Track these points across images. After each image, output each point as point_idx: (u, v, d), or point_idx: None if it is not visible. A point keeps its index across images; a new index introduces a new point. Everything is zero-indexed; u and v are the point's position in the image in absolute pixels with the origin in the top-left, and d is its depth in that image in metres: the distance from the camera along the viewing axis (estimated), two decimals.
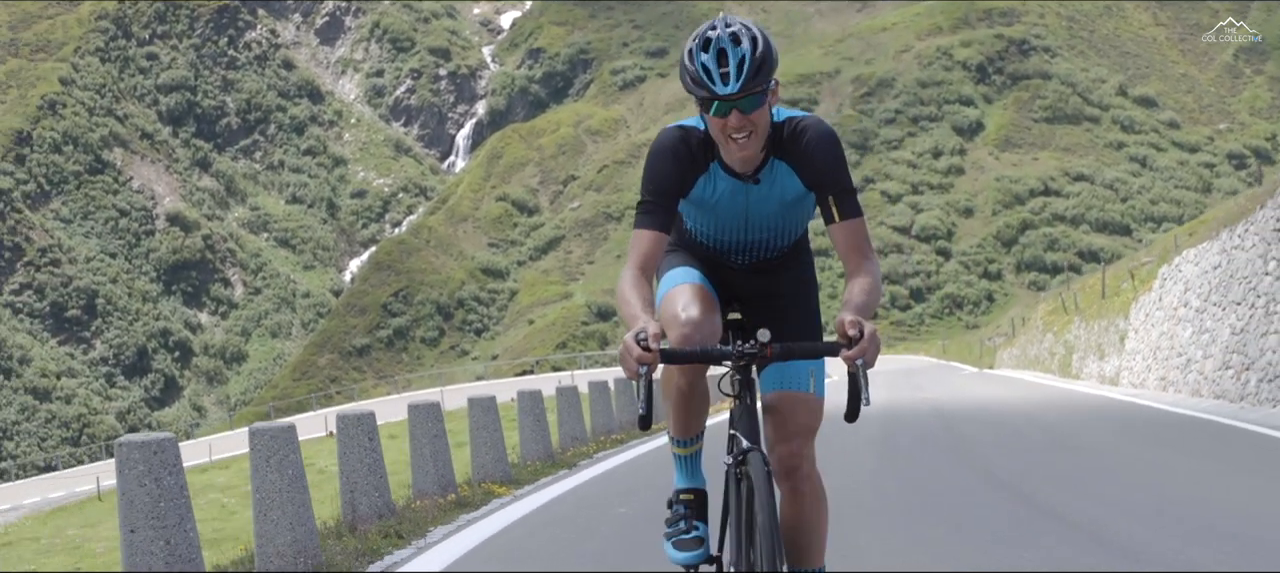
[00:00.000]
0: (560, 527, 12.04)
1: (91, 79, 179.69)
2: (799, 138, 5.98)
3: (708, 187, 6.07)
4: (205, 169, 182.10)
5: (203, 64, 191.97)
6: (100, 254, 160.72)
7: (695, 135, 6.03)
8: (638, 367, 5.47)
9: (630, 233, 6.60)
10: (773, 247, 6.38)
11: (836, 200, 5.92)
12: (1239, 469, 15.46)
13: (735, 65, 5.65)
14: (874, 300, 5.82)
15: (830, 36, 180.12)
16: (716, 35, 5.72)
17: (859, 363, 5.45)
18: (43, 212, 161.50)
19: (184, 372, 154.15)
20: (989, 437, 20.79)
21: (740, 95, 5.68)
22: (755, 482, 5.68)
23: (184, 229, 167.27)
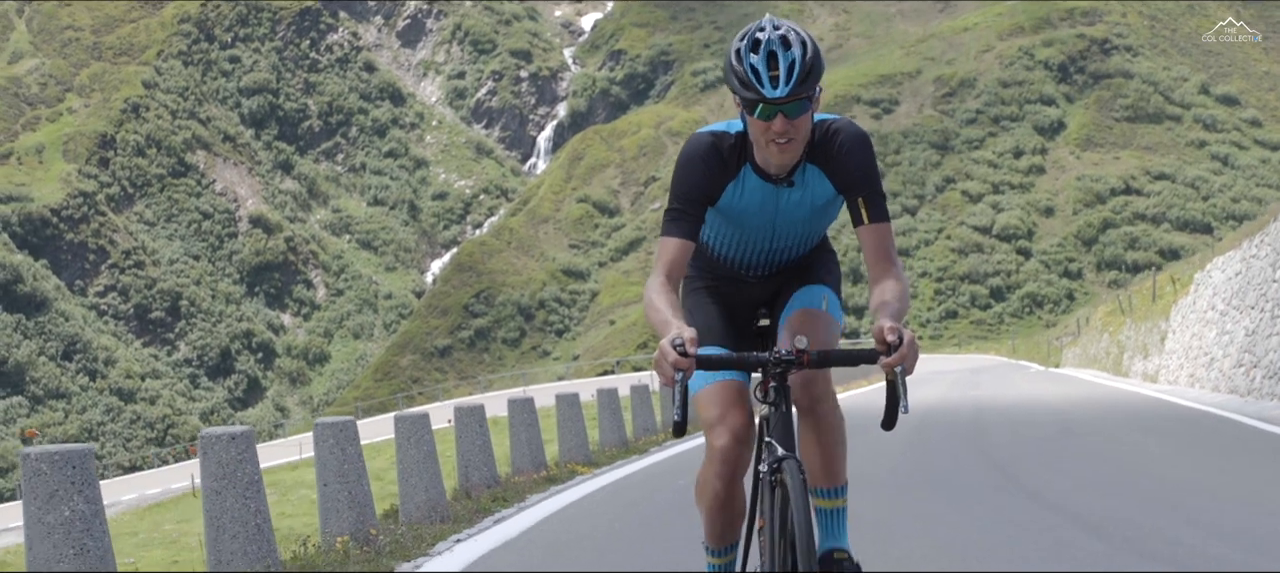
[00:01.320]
0: (630, 493, 15.65)
1: (174, 82, 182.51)
2: (832, 140, 6.03)
3: (737, 192, 6.12)
4: (287, 171, 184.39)
5: (285, 67, 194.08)
6: (184, 256, 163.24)
7: (727, 140, 6.07)
8: (674, 372, 5.53)
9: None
10: (795, 253, 6.47)
11: (867, 203, 5.99)
12: (1213, 455, 18.07)
13: (785, 68, 5.70)
14: (906, 305, 5.91)
15: (912, 37, 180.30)
16: (766, 37, 5.77)
17: (898, 370, 5.51)
18: (127, 214, 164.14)
19: (267, 373, 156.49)
20: (1005, 425, 23.80)
21: (789, 99, 5.72)
22: (792, 490, 5.71)
23: (267, 231, 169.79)
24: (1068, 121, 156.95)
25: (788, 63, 5.65)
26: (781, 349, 5.80)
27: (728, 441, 6.17)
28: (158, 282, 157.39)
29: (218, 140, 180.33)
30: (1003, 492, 14.21)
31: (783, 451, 5.84)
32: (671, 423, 6.03)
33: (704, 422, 6.26)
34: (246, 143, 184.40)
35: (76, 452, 7.67)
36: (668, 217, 6.00)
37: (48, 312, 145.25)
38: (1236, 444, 19.16)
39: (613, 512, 13.97)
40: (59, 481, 7.43)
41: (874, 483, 14.98)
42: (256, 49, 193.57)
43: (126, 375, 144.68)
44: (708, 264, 6.54)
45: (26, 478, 7.59)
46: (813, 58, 5.71)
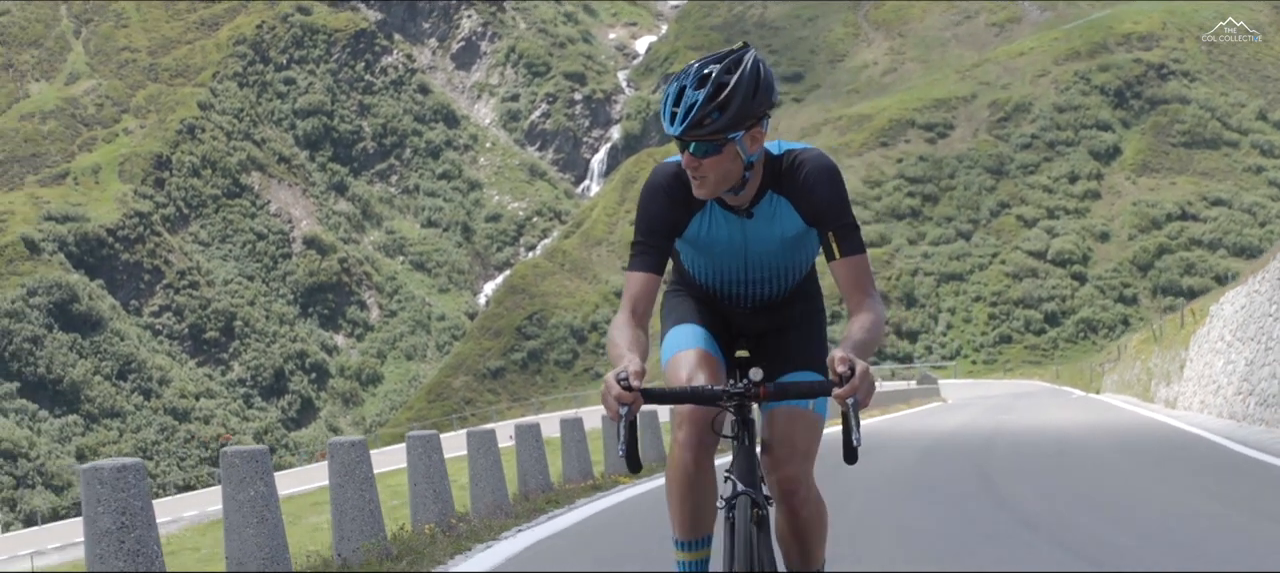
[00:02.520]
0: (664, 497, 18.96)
1: (230, 104, 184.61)
2: (797, 171, 6.02)
3: (703, 224, 6.11)
4: (341, 193, 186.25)
5: (339, 89, 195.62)
6: (238, 277, 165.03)
7: None
8: (618, 407, 5.48)
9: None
10: (776, 287, 6.39)
11: (837, 236, 5.94)
12: (1178, 473, 20.35)
13: (684, 108, 5.71)
14: (874, 339, 5.83)
15: (967, 61, 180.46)
16: (691, 72, 5.81)
17: (850, 402, 5.43)
18: (182, 235, 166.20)
19: (320, 393, 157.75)
20: (1011, 446, 26.66)
21: (684, 137, 5.74)
22: (738, 528, 5.75)
23: (320, 252, 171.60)
24: (1124, 147, 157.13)
25: (687, 103, 5.73)
26: (737, 382, 5.82)
27: (697, 410, 6.08)
28: (212, 302, 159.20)
29: (272, 161, 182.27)
30: (974, 500, 16.65)
31: (741, 485, 5.85)
32: (620, 456, 5.86)
33: (671, 384, 6.17)
34: (301, 164, 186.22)
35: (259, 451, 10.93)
36: (633, 251, 6.03)
37: (103, 331, 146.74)
38: (1207, 464, 21.45)
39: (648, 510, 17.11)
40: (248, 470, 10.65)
41: (868, 488, 17.66)
42: (311, 71, 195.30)
43: (180, 395, 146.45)
44: (691, 282, 6.52)
45: (225, 471, 10.75)
46: (725, 101, 5.74)
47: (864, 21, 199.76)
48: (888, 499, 16.80)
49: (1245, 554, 11.77)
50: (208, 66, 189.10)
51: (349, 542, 12.64)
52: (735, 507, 5.82)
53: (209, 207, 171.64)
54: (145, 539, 8.61)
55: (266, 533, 10.59)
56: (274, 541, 10.65)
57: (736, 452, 5.89)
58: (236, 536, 10.62)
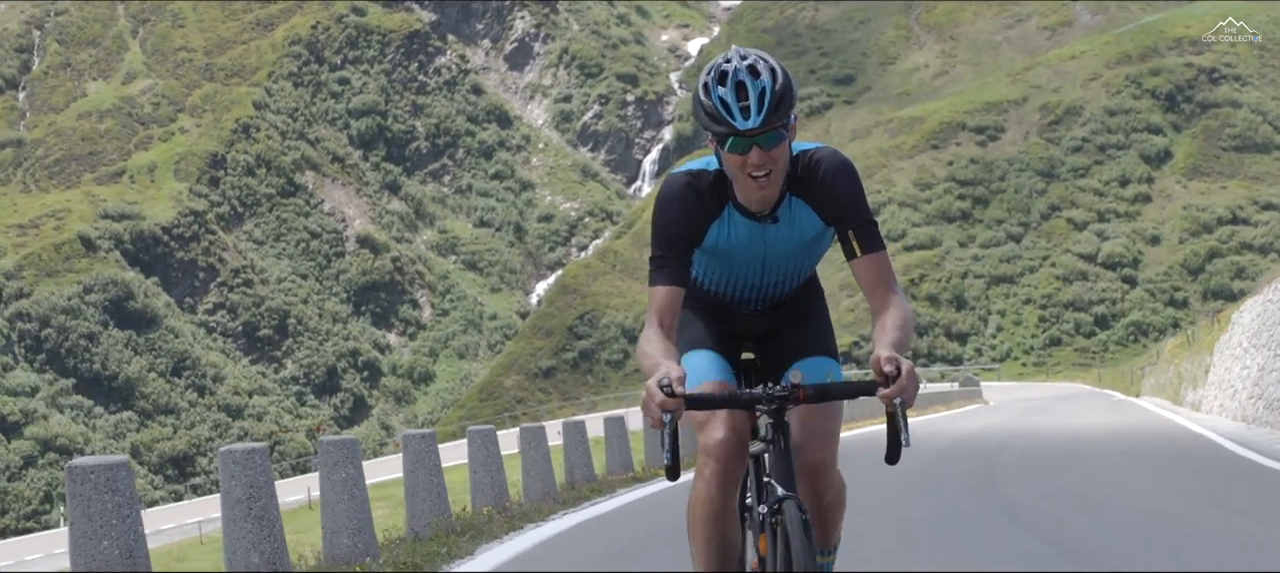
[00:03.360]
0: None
1: (284, 103, 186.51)
2: (814, 171, 5.92)
3: (722, 232, 6.02)
4: (394, 192, 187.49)
5: (393, 89, 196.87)
6: (292, 275, 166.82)
7: (705, 179, 5.96)
8: (661, 413, 5.41)
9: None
10: (787, 288, 6.34)
11: (858, 234, 5.87)
12: (1174, 473, 21.50)
13: (755, 98, 5.59)
14: (907, 335, 5.75)
15: (1018, 64, 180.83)
16: (732, 68, 5.69)
17: (898, 402, 5.41)
18: (236, 233, 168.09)
19: (372, 391, 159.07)
20: (1025, 447, 28.55)
21: (761, 130, 5.62)
22: (791, 533, 5.56)
23: (373, 251, 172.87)
24: (1174, 151, 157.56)
25: (758, 92, 5.61)
26: (774, 385, 5.76)
27: (725, 434, 6.02)
28: (266, 300, 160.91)
29: (326, 161, 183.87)
30: (972, 495, 18.01)
31: (783, 490, 5.72)
32: (664, 467, 5.70)
33: (696, 420, 6.09)
34: (355, 164, 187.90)
35: (350, 440, 13.30)
36: (653, 265, 5.94)
37: (158, 328, 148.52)
38: (1203, 466, 22.69)
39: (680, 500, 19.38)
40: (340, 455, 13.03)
41: (879, 482, 19.36)
42: (365, 71, 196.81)
43: (234, 392, 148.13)
44: (699, 295, 6.44)
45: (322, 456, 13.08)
46: (783, 86, 5.69)
47: (915, 24, 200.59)
48: (895, 493, 18.46)
49: (1210, 549, 12.46)
50: (263, 66, 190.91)
51: (420, 518, 15.01)
52: (783, 511, 5.69)
53: (263, 205, 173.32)
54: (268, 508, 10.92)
55: (355, 508, 12.93)
56: (361, 515, 13.00)
57: (773, 456, 5.84)
58: (330, 511, 12.97)
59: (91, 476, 8.96)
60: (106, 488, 8.91)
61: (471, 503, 17.32)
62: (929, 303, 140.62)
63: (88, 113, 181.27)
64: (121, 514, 9.02)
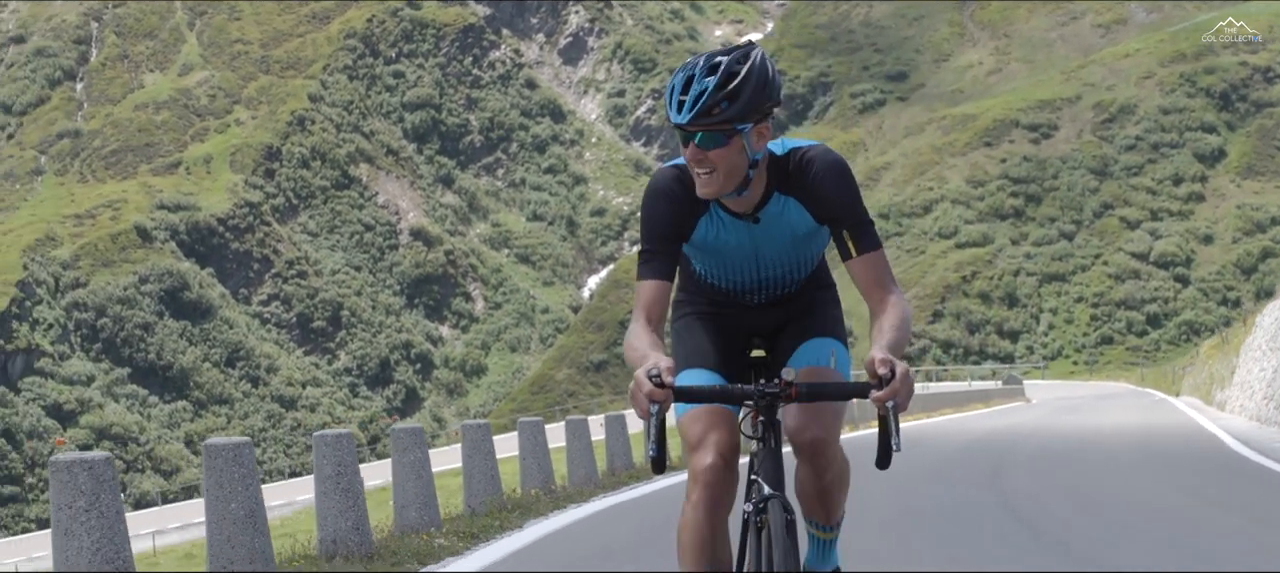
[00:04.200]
0: None
1: (339, 96, 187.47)
2: (805, 170, 5.92)
3: (711, 228, 6.05)
4: (448, 186, 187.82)
5: (448, 83, 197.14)
6: (345, 267, 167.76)
7: (691, 173, 5.89)
8: (649, 404, 5.38)
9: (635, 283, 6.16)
10: (789, 281, 6.31)
11: (852, 234, 5.88)
12: (1172, 472, 22.68)
13: (692, 96, 5.62)
14: (904, 336, 5.76)
15: (1072, 62, 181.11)
16: (698, 62, 5.74)
17: (890, 405, 5.41)
18: (291, 225, 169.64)
19: (425, 383, 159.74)
20: (1038, 444, 30.34)
21: (691, 127, 5.66)
22: (774, 532, 5.57)
23: (427, 244, 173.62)
24: (1228, 150, 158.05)
25: (697, 90, 5.62)
26: (767, 382, 5.75)
27: (713, 459, 5.94)
28: (320, 292, 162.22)
29: (381, 154, 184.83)
30: (975, 487, 19.48)
31: (769, 489, 5.70)
32: (649, 459, 5.60)
33: (687, 443, 6.07)
34: (409, 157, 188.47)
35: (417, 429, 15.76)
36: (640, 259, 5.97)
37: (212, 319, 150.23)
38: (1204, 466, 23.75)
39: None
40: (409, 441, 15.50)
41: (894, 473, 21.59)
42: (420, 65, 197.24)
43: (288, 383, 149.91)
44: (701, 289, 6.45)
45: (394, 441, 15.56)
46: (735, 90, 5.62)
47: (969, 21, 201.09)
48: (905, 482, 20.20)
49: (1188, 542, 13.21)
50: (318, 59, 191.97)
51: (477, 496, 17.46)
52: (767, 511, 5.67)
53: (318, 197, 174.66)
54: (353, 483, 13.35)
55: (422, 486, 15.38)
56: (427, 491, 15.45)
57: (762, 454, 5.80)
58: (401, 488, 15.41)
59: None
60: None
61: (521, 485, 19.76)
62: (981, 301, 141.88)
63: (144, 104, 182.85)
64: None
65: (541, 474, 19.86)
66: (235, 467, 10.92)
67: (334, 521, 13.06)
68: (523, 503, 17.87)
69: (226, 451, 10.93)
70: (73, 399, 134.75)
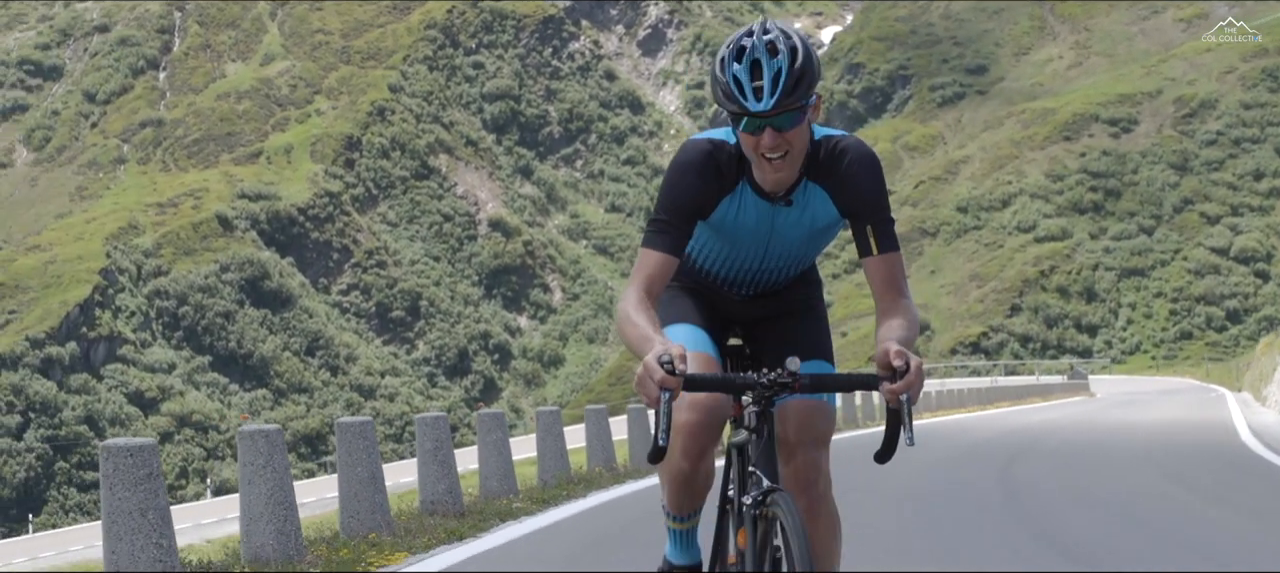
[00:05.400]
0: None
1: (419, 87, 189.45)
2: (838, 159, 5.82)
3: (732, 208, 5.93)
4: (527, 176, 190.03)
5: (527, 74, 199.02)
6: (424, 258, 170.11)
7: (725, 150, 5.84)
8: (659, 392, 5.29)
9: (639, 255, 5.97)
10: (784, 275, 6.31)
11: (875, 230, 5.81)
12: (1180, 467, 24.19)
13: (769, 78, 5.48)
14: (914, 336, 5.70)
15: (1152, 56, 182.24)
16: (751, 44, 5.55)
17: (903, 398, 5.33)
18: (370, 215, 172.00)
19: (502, 374, 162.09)
20: (1062, 438, 32.64)
21: (774, 112, 5.51)
22: (789, 528, 5.33)
23: (505, 235, 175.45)
24: None
25: (772, 72, 5.50)
26: (772, 372, 5.56)
27: (695, 417, 6.03)
28: (399, 282, 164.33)
29: (460, 144, 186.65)
30: (983, 477, 21.01)
31: (769, 482, 5.62)
32: (652, 449, 5.47)
33: None
34: (488, 147, 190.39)
35: (499, 413, 19.33)
36: (652, 228, 5.84)
37: (293, 308, 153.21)
38: (1215, 462, 24.56)
39: None
40: (493, 423, 19.05)
41: (917, 458, 23.06)
42: (500, 56, 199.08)
43: (366, 372, 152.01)
44: (688, 270, 6.42)
45: (481, 424, 19.14)
46: (803, 65, 5.56)
47: (1049, 16, 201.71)
48: (920, 467, 22.69)
49: (1176, 533, 13.73)
50: (399, 50, 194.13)
51: (548, 471, 21.00)
52: (769, 503, 5.56)
53: (397, 188, 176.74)
54: (447, 457, 16.87)
55: (502, 462, 18.93)
56: (506, 466, 18.98)
57: (759, 447, 5.70)
58: (485, 463, 18.96)
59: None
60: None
61: (587, 464, 23.29)
62: (1059, 295, 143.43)
63: (226, 94, 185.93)
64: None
65: (604, 454, 23.35)
66: (361, 440, 14.45)
67: (432, 485, 16.56)
68: (587, 478, 21.28)
69: (354, 428, 14.47)
70: (154, 386, 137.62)
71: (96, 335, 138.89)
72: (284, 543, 12.31)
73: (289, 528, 12.42)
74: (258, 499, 12.36)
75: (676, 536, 6.47)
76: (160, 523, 10.53)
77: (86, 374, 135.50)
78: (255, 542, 12.35)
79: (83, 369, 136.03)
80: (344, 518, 14.41)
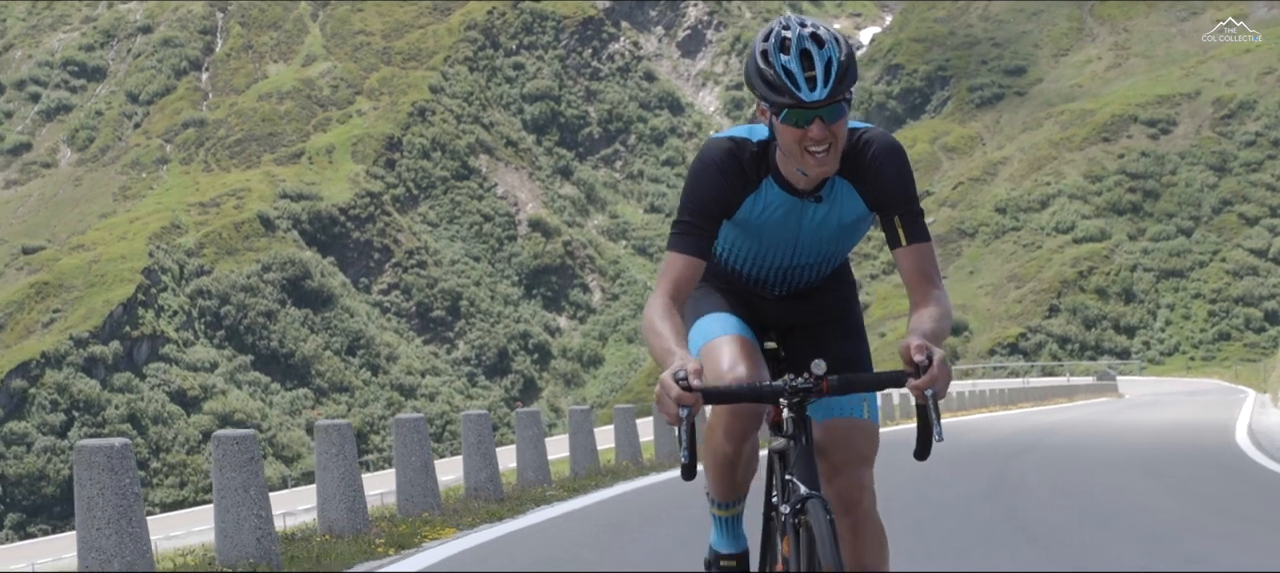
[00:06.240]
0: None
1: (460, 88, 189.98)
2: (863, 152, 5.84)
3: (757, 205, 5.93)
4: (567, 177, 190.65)
5: (567, 74, 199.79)
6: (464, 257, 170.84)
7: (747, 148, 5.86)
8: (678, 409, 5.24)
9: (666, 257, 5.97)
10: (816, 274, 6.29)
11: (904, 222, 5.82)
12: (1165, 470, 24.85)
13: (822, 68, 5.49)
14: (945, 329, 5.67)
15: (1191, 57, 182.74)
16: (794, 35, 5.56)
17: (929, 393, 5.34)
18: (411, 215, 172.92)
19: (542, 374, 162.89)
20: (1057, 441, 34.03)
21: (827, 102, 5.50)
22: (818, 532, 5.40)
23: (545, 235, 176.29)
24: None
25: (824, 61, 5.51)
26: (797, 376, 5.57)
27: (731, 413, 5.95)
28: (439, 281, 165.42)
29: (500, 145, 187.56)
30: (978, 476, 22.18)
31: (806, 489, 5.56)
32: (680, 466, 5.43)
33: (709, 376, 6.00)
34: (528, 148, 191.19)
35: (534, 412, 21.90)
36: (676, 230, 5.85)
37: (333, 307, 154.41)
38: (1207, 465, 25.00)
39: None
40: (530, 420, 21.59)
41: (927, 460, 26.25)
42: (540, 57, 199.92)
43: (407, 372, 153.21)
44: (720, 272, 6.40)
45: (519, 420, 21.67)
46: (848, 56, 5.59)
47: (1088, 17, 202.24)
48: (932, 463, 25.06)
49: (1150, 533, 13.95)
50: (439, 51, 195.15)
51: (579, 464, 23.57)
52: (806, 511, 5.52)
53: (437, 188, 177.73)
54: (489, 448, 19.41)
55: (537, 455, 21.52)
56: (540, 459, 21.56)
57: (796, 453, 5.67)
58: (522, 455, 21.53)
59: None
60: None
61: (615, 458, 25.83)
62: (1097, 296, 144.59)
63: (268, 94, 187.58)
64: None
65: (631, 450, 25.89)
66: (415, 434, 17.05)
67: (475, 473, 19.17)
68: (615, 470, 23.79)
69: (409, 423, 17.08)
70: (196, 385, 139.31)
71: (139, 334, 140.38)
72: (353, 518, 14.93)
73: (357, 506, 15.03)
74: (331, 482, 14.99)
75: (722, 524, 6.49)
76: (260, 499, 12.95)
77: (129, 373, 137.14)
78: (329, 517, 14.95)
79: (126, 368, 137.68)
80: (401, 500, 17.03)
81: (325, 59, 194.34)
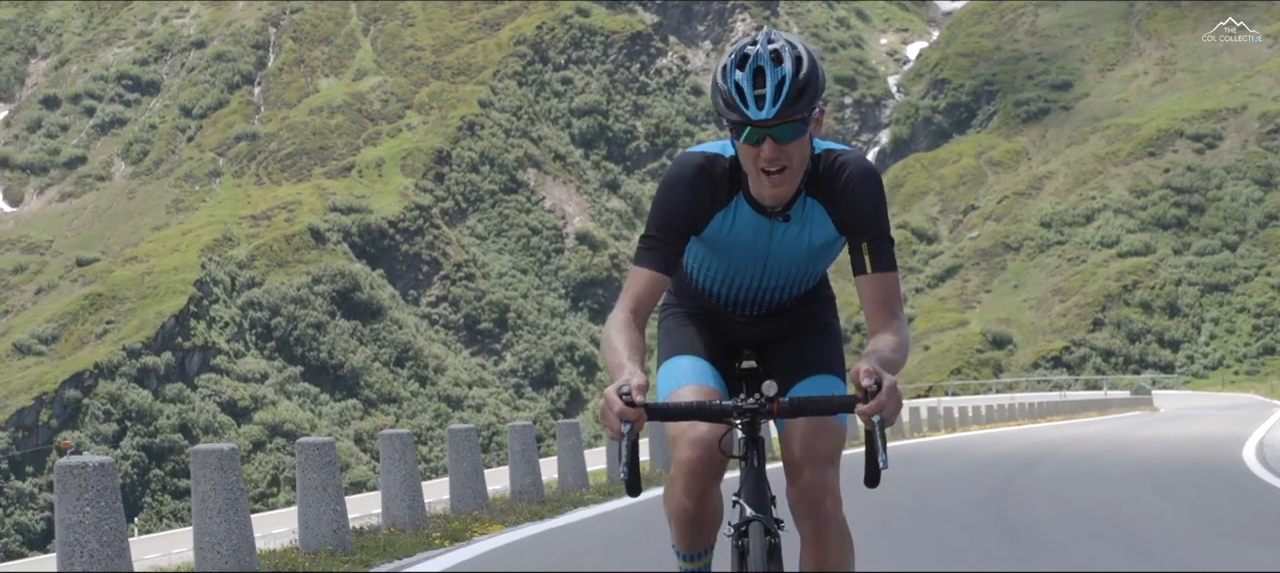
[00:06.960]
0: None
1: (509, 102, 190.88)
2: (837, 174, 5.76)
3: (726, 222, 5.86)
4: (614, 191, 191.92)
5: (615, 89, 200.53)
6: (512, 270, 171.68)
7: (719, 164, 5.84)
8: (620, 424, 5.23)
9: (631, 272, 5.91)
10: (788, 295, 6.23)
11: (872, 249, 5.74)
12: (1165, 483, 25.57)
13: (773, 87, 5.44)
14: (900, 359, 5.63)
15: (1238, 72, 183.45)
16: (755, 52, 5.50)
17: (876, 419, 5.25)
18: (459, 228, 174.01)
19: (588, 385, 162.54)
20: (1068, 453, 35.07)
21: (776, 122, 5.46)
22: (752, 557, 5.49)
23: (592, 248, 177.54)
24: None
25: (776, 80, 5.45)
26: (748, 397, 5.56)
27: (696, 453, 5.91)
28: (487, 294, 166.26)
29: (548, 159, 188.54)
30: (984, 483, 23.66)
31: (751, 511, 5.61)
32: (622, 480, 5.44)
33: (670, 432, 6.04)
34: (576, 162, 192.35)
35: (574, 424, 24.20)
36: (642, 245, 5.81)
37: (382, 319, 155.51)
38: (1209, 479, 25.44)
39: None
40: (570, 430, 23.88)
41: (943, 462, 26.92)
42: (588, 71, 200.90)
43: (454, 383, 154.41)
44: (691, 293, 6.35)
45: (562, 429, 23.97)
46: (808, 75, 5.51)
47: (1135, 32, 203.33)
48: (942, 473, 26.16)
49: (1137, 540, 14.24)
50: (489, 65, 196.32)
51: (615, 471, 25.88)
52: (747, 534, 5.60)
53: (486, 201, 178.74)
54: (533, 456, 21.72)
55: (576, 463, 23.88)
56: (579, 465, 23.88)
57: (745, 474, 5.71)
58: (563, 462, 23.87)
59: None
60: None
61: (650, 466, 28.12)
62: (1141, 310, 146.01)
63: (319, 108, 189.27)
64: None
65: (664, 458, 28.12)
66: (466, 442, 19.44)
67: (520, 479, 21.53)
68: (649, 477, 25.93)
69: (461, 433, 19.49)
70: (247, 396, 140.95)
71: (191, 345, 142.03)
72: (414, 515, 17.30)
73: (417, 505, 17.39)
74: (394, 483, 17.38)
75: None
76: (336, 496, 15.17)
77: (181, 383, 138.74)
78: (393, 514, 17.30)
79: (177, 378, 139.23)
80: (454, 500, 19.37)
81: (376, 73, 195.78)
